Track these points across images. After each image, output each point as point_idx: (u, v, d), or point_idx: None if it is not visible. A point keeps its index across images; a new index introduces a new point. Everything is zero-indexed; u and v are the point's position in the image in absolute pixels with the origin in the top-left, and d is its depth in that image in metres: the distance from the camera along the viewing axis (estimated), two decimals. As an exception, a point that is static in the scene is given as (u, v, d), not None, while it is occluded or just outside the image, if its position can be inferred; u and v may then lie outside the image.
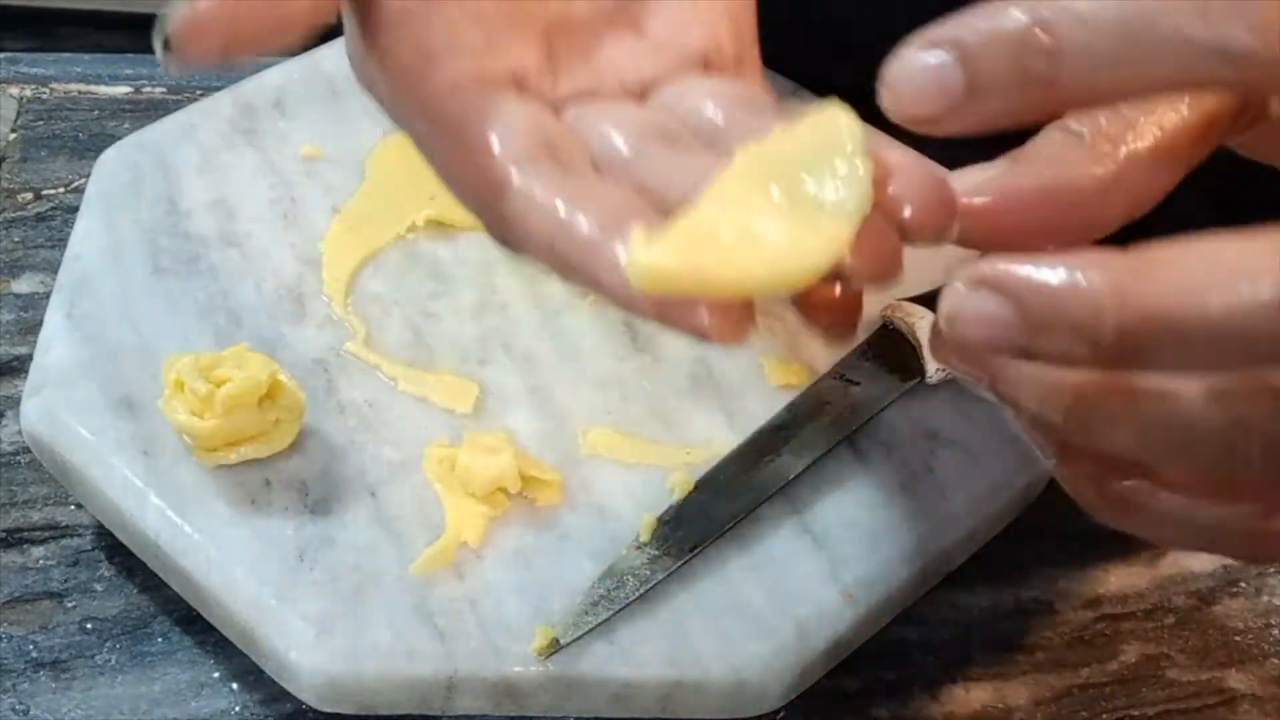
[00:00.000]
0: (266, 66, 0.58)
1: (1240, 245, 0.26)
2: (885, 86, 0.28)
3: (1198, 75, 0.26)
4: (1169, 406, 0.27)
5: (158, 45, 0.32)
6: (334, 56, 0.59)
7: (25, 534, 0.47)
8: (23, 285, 0.54)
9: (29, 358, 0.48)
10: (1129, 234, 0.28)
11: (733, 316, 0.30)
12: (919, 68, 0.28)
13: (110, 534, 0.45)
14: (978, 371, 0.29)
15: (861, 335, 0.49)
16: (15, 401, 0.49)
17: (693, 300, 0.29)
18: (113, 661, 0.44)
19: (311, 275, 0.50)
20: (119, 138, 0.55)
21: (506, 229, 0.34)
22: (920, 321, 0.48)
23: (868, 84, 0.32)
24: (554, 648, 0.41)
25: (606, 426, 0.47)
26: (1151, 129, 0.29)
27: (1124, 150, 0.29)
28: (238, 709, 0.43)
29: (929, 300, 0.48)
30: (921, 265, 0.33)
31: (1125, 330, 0.26)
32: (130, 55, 0.65)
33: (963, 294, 0.27)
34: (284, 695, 0.42)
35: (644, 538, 0.43)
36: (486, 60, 0.35)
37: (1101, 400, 0.28)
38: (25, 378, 0.47)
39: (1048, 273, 0.26)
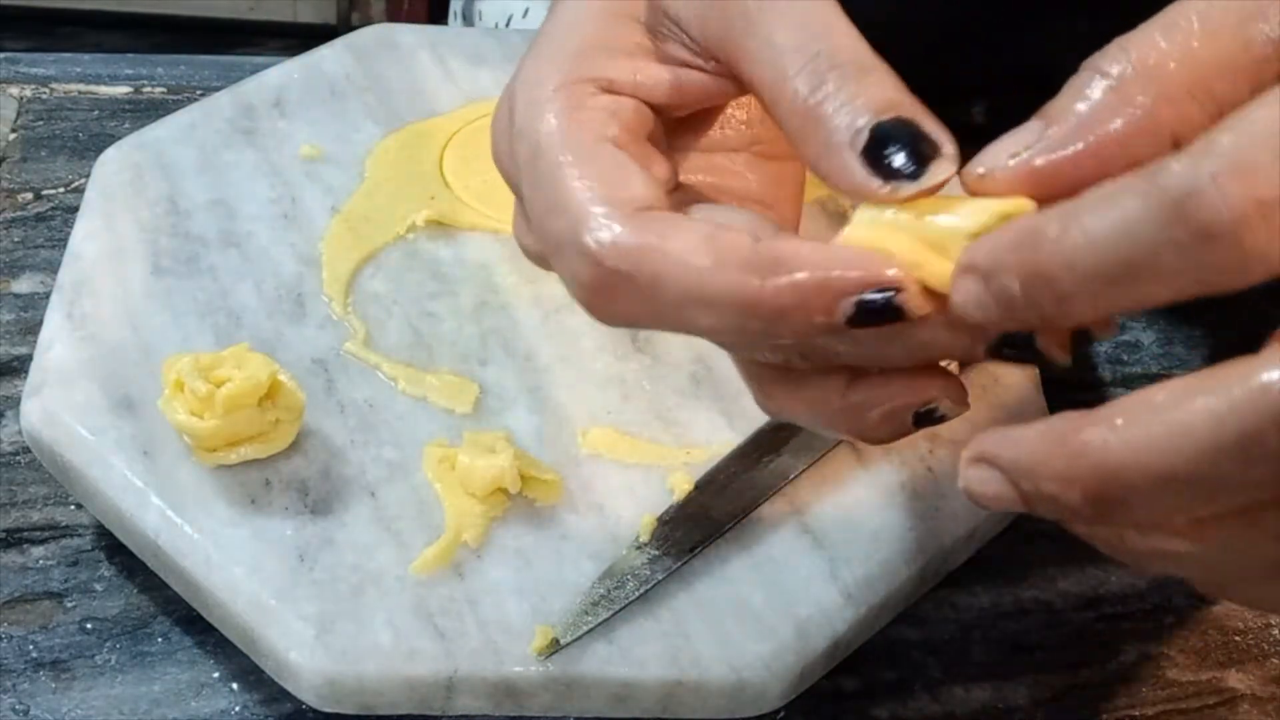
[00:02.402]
0: (266, 66, 0.59)
1: (1189, 394, 0.27)
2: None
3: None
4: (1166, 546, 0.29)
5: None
6: (333, 56, 0.59)
7: (25, 534, 0.47)
8: (23, 285, 0.54)
9: (29, 358, 0.48)
10: None
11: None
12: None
13: (110, 534, 0.45)
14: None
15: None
16: (15, 401, 0.49)
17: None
18: (113, 661, 0.44)
19: (311, 275, 0.50)
20: (119, 138, 0.55)
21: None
22: None
23: None
24: (554, 648, 0.41)
25: (606, 426, 0.46)
26: (1184, 67, 0.29)
27: (1156, 89, 0.29)
28: (238, 709, 0.43)
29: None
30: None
31: (1094, 497, 0.28)
32: (130, 55, 0.65)
33: (968, 472, 0.30)
34: (284, 695, 0.42)
35: (644, 538, 0.43)
36: None
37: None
38: (25, 378, 0.47)
39: (1024, 449, 0.29)
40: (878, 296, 0.30)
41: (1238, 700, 0.46)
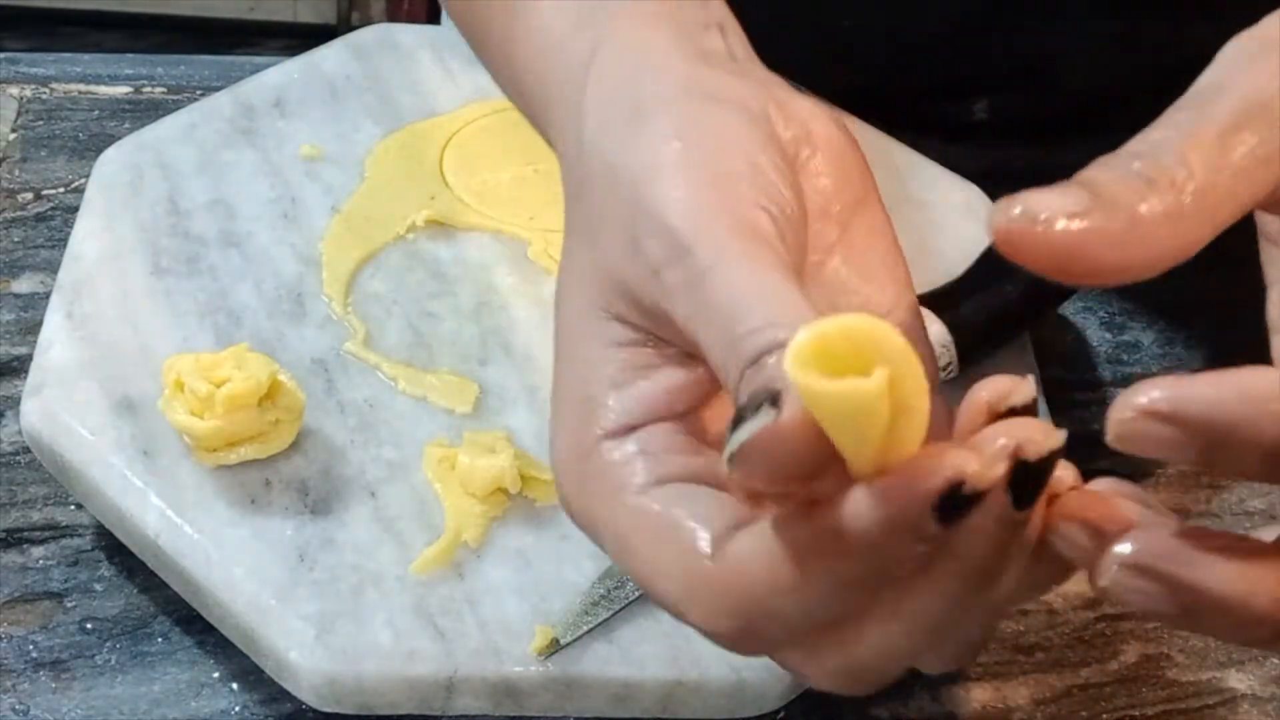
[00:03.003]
0: (266, 66, 0.59)
1: None
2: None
3: None
4: None
5: None
6: (334, 56, 0.59)
7: (25, 534, 0.47)
8: (23, 285, 0.54)
9: (29, 358, 0.48)
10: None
11: None
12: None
13: (110, 534, 0.45)
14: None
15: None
16: (15, 401, 0.49)
17: None
18: (113, 661, 0.44)
19: (311, 275, 0.50)
20: (119, 138, 0.55)
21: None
22: (929, 325, 0.47)
23: (863, 85, 0.32)
24: (554, 648, 0.41)
25: (606, 426, 0.46)
26: (1221, 181, 0.29)
27: (1189, 192, 0.29)
28: (238, 709, 0.43)
29: (932, 301, 0.47)
30: (924, 265, 0.32)
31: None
32: (130, 55, 0.65)
33: (1122, 579, 0.28)
34: (284, 695, 0.42)
35: (644, 538, 0.43)
36: None
37: None
38: (25, 378, 0.47)
39: (1225, 582, 0.27)
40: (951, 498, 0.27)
41: (1238, 700, 0.46)
